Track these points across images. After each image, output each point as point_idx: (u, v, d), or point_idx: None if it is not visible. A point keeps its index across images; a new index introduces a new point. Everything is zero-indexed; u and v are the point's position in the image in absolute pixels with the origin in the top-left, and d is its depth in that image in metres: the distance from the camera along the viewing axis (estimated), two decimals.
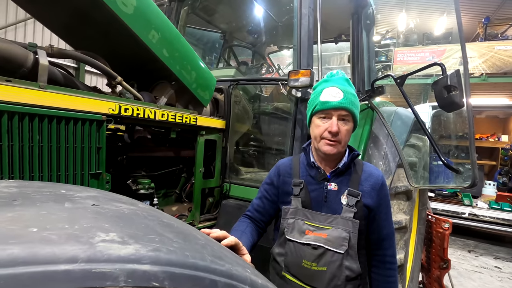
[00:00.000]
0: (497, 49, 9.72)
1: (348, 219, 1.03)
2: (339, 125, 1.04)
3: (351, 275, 1.02)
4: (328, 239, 1.02)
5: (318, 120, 1.08)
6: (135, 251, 0.36)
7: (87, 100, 1.13)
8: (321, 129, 1.06)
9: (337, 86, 1.07)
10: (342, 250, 1.01)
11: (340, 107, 1.04)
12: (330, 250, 1.02)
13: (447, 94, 1.54)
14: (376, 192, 1.08)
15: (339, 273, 1.01)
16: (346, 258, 1.01)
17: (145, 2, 1.31)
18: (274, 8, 2.53)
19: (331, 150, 1.04)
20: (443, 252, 3.17)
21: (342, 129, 1.05)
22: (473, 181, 1.43)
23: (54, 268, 0.29)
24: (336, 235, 1.02)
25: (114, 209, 0.50)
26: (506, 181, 6.36)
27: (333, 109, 1.05)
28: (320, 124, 1.07)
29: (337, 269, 1.01)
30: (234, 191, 1.90)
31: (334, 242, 1.02)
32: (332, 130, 1.03)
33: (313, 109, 1.10)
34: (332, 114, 1.05)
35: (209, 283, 0.41)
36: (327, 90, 1.07)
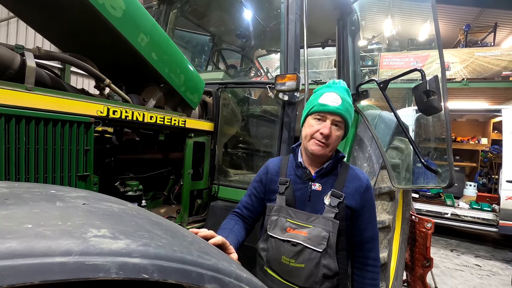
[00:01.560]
0: (477, 55, 10.13)
1: (328, 219, 1.06)
2: (332, 129, 1.09)
3: (329, 273, 1.05)
4: (308, 237, 1.06)
5: (313, 120, 1.13)
6: (126, 246, 0.38)
7: (75, 102, 1.14)
8: (314, 129, 1.11)
9: (337, 93, 1.12)
10: (320, 248, 1.05)
11: (336, 112, 1.09)
12: (308, 248, 1.06)
13: (426, 99, 1.61)
14: (360, 195, 1.12)
15: (317, 271, 1.05)
16: (324, 257, 1.05)
17: (134, 5, 1.32)
18: (262, 13, 2.58)
19: (319, 150, 1.09)
20: (426, 251, 3.28)
21: (333, 134, 1.10)
22: (450, 181, 1.51)
23: (50, 260, 0.31)
24: (316, 234, 1.06)
25: (104, 208, 0.52)
26: (486, 182, 6.61)
27: (329, 112, 1.10)
28: (314, 125, 1.12)
29: (315, 266, 1.05)
30: (223, 193, 1.92)
31: (313, 240, 1.06)
32: (324, 132, 1.07)
33: (310, 110, 1.14)
34: (327, 118, 1.10)
35: (196, 275, 0.43)
36: (327, 94, 1.12)
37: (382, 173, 2.09)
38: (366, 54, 13.00)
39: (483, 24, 11.51)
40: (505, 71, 9.69)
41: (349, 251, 1.16)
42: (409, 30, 12.95)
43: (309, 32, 2.98)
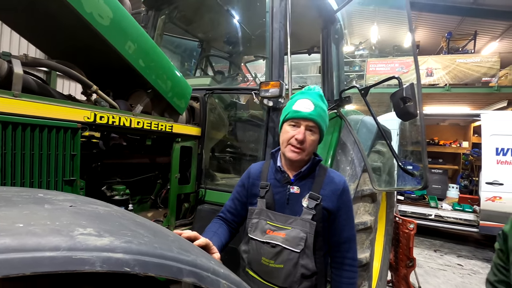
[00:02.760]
0: (458, 62, 10.51)
1: (306, 220, 1.11)
2: (306, 135, 1.14)
3: (307, 273, 1.10)
4: (286, 239, 1.11)
5: (288, 127, 1.18)
6: (110, 242, 0.42)
7: (62, 108, 1.16)
8: (289, 135, 1.16)
9: (310, 99, 1.17)
10: (298, 249, 1.09)
11: (309, 118, 1.14)
12: (287, 248, 1.10)
13: (403, 105, 1.70)
14: (336, 197, 1.16)
15: (295, 271, 1.10)
16: (302, 257, 1.10)
17: (121, 14, 1.36)
18: (249, 21, 2.65)
19: (295, 156, 1.14)
20: (409, 252, 3.38)
21: (308, 139, 1.14)
22: (425, 183, 1.59)
23: (40, 254, 0.35)
24: (294, 235, 1.10)
25: (90, 210, 0.56)
26: (468, 184, 6.85)
27: (302, 119, 1.14)
28: (289, 131, 1.17)
29: (293, 267, 1.10)
30: (210, 196, 1.95)
31: (291, 242, 1.10)
32: (298, 137, 1.12)
33: (285, 116, 1.20)
34: (301, 124, 1.15)
35: (175, 270, 0.47)
36: (301, 101, 1.17)
37: (364, 176, 2.17)
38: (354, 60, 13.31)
39: (464, 32, 11.98)
40: (485, 77, 10.10)
41: (327, 252, 1.22)
42: (394, 37, 13.34)
43: (296, 39, 3.08)
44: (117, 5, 1.34)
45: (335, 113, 2.33)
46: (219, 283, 0.54)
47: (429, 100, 12.09)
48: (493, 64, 10.04)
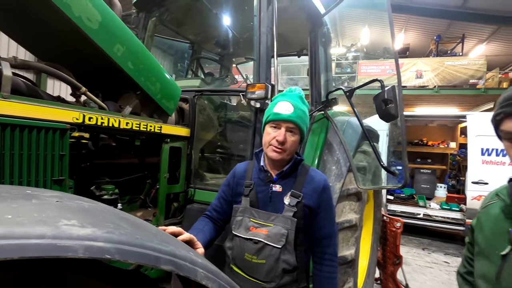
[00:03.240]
0: (447, 64, 10.75)
1: (287, 217, 1.16)
2: (287, 136, 1.19)
3: (288, 268, 1.15)
4: (268, 235, 1.16)
5: (270, 128, 1.23)
6: (92, 232, 0.47)
7: (51, 110, 1.19)
8: (271, 136, 1.21)
9: (290, 101, 1.22)
10: (279, 245, 1.14)
11: (289, 120, 1.19)
12: (269, 244, 1.15)
13: (384, 107, 1.77)
14: (317, 195, 1.22)
15: (277, 266, 1.14)
16: (283, 253, 1.14)
17: (110, 17, 1.39)
18: (238, 24, 2.70)
19: (276, 156, 1.19)
20: (396, 249, 3.46)
21: (289, 140, 1.20)
22: (405, 182, 1.66)
23: (27, 241, 0.39)
24: (276, 232, 1.15)
25: (75, 205, 0.60)
26: (455, 183, 7.01)
27: (282, 120, 1.19)
28: (271, 132, 1.22)
29: (275, 262, 1.14)
30: (199, 196, 1.99)
31: (273, 238, 1.15)
32: (279, 139, 1.17)
33: (267, 118, 1.25)
34: (281, 125, 1.20)
35: (153, 258, 0.52)
36: (281, 103, 1.22)
37: (350, 175, 2.23)
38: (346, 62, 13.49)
39: (452, 35, 12.26)
40: (472, 79, 10.36)
41: (309, 248, 1.27)
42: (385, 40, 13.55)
43: (285, 42, 3.15)
44: (106, 8, 1.37)
45: (322, 114, 2.39)
46: (196, 271, 0.59)
47: (418, 102, 12.32)
48: (480, 66, 10.30)
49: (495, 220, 0.94)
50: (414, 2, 10.76)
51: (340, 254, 2.03)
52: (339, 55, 14.09)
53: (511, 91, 0.80)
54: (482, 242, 0.98)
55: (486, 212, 1.00)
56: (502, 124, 0.80)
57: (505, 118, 0.79)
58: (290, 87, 1.31)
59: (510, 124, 0.78)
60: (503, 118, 0.80)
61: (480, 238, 0.99)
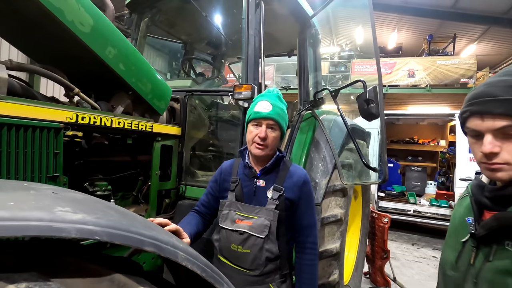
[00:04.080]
0: (438, 64, 10.92)
1: (270, 209, 1.26)
2: (268, 132, 1.28)
3: (271, 256, 1.24)
4: (252, 226, 1.25)
5: (252, 127, 1.32)
6: (83, 217, 0.54)
7: (45, 110, 1.25)
8: (253, 134, 1.29)
9: (268, 100, 1.31)
10: (263, 235, 1.23)
11: (268, 117, 1.28)
12: (253, 235, 1.24)
13: (366, 106, 1.86)
14: (298, 188, 1.31)
15: (260, 255, 1.23)
16: (267, 242, 1.24)
17: (102, 21, 1.46)
18: (227, 26, 2.77)
19: (260, 152, 1.28)
20: (384, 244, 3.58)
21: (270, 136, 1.28)
22: (384, 177, 1.76)
23: (28, 223, 0.47)
24: (259, 223, 1.24)
25: (69, 196, 0.67)
26: (444, 180, 7.17)
27: (263, 118, 1.28)
28: (253, 130, 1.30)
29: (259, 251, 1.23)
30: (190, 192, 2.06)
31: (256, 229, 1.24)
32: (260, 135, 1.26)
33: (248, 118, 1.34)
34: (262, 123, 1.29)
35: (137, 240, 0.59)
36: (260, 102, 1.31)
37: (336, 172, 2.32)
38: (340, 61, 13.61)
39: (444, 35, 12.44)
40: (463, 78, 10.55)
41: (291, 238, 1.36)
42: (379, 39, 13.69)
43: (276, 42, 3.22)
44: (97, 13, 1.44)
45: (310, 113, 2.48)
46: (177, 254, 0.66)
47: (411, 100, 12.50)
48: (471, 66, 10.50)
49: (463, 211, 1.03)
50: (407, 2, 10.90)
51: (326, 247, 2.12)
52: (333, 54, 14.21)
53: (477, 90, 0.84)
54: (450, 231, 1.06)
55: (459, 204, 1.09)
56: (468, 121, 0.85)
57: (471, 116, 0.83)
58: (268, 88, 1.40)
59: (474, 122, 0.82)
60: (468, 116, 0.84)
61: (450, 227, 1.07)
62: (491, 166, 0.78)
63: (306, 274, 1.32)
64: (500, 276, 0.76)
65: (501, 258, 0.77)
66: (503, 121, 0.74)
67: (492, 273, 0.79)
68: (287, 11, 2.52)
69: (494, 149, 0.76)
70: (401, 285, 3.70)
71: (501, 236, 0.78)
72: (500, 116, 0.75)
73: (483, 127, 0.79)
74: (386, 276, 3.68)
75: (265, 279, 1.26)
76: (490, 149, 0.76)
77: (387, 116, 6.76)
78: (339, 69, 13.47)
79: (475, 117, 0.81)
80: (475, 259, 0.86)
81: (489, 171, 0.81)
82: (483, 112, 0.79)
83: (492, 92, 0.77)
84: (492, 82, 0.80)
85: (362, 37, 13.24)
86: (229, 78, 4.89)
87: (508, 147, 0.75)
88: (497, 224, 0.79)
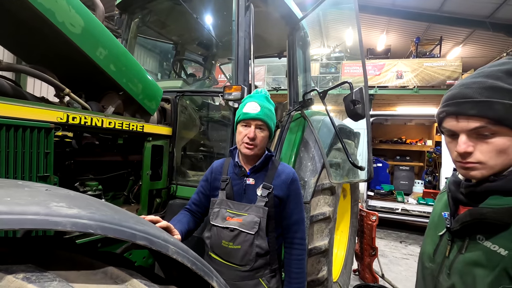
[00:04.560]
0: (425, 65, 11.18)
1: (260, 207, 1.30)
2: (256, 132, 1.32)
3: (261, 252, 1.29)
4: (243, 223, 1.29)
5: (241, 127, 1.36)
6: (78, 212, 0.57)
7: (35, 110, 1.26)
8: (242, 135, 1.33)
9: (256, 101, 1.35)
10: (253, 231, 1.28)
11: (257, 118, 1.32)
12: (243, 231, 1.28)
13: (353, 107, 1.92)
14: (286, 186, 1.36)
15: (251, 250, 1.28)
16: (257, 238, 1.28)
17: (93, 22, 1.47)
18: (218, 28, 2.80)
19: (249, 152, 1.32)
20: (372, 241, 3.66)
21: (259, 136, 1.33)
22: (369, 175, 1.82)
23: (25, 217, 0.49)
24: (249, 220, 1.29)
25: (63, 193, 0.70)
26: (431, 179, 7.36)
27: (251, 119, 1.32)
28: (242, 131, 1.34)
29: (249, 247, 1.28)
30: (181, 192, 2.09)
31: (247, 225, 1.28)
32: (249, 135, 1.30)
33: (237, 119, 1.37)
34: (251, 123, 1.33)
35: (129, 234, 0.62)
36: (249, 104, 1.35)
37: (325, 171, 2.38)
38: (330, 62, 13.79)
39: (430, 37, 12.74)
40: (449, 80, 10.83)
41: (280, 235, 1.40)
42: (367, 41, 13.95)
43: (266, 44, 3.27)
44: (88, 14, 1.45)
45: (300, 114, 2.53)
46: (168, 247, 0.69)
47: (399, 101, 12.76)
48: (456, 68, 10.79)
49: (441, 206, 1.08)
50: (395, 5, 11.14)
51: (314, 245, 2.18)
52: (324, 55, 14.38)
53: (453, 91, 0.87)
54: (430, 225, 1.12)
55: (439, 199, 1.14)
56: (444, 121, 0.89)
57: (446, 116, 0.87)
58: (256, 89, 1.45)
59: (450, 123, 0.85)
60: (444, 116, 0.87)
61: (430, 221, 1.13)
62: (465, 165, 0.82)
63: (294, 269, 1.37)
64: (469, 267, 0.81)
65: (472, 251, 0.82)
66: (476, 122, 0.78)
67: (462, 264, 0.83)
68: (277, 14, 2.57)
69: (468, 149, 0.80)
70: (389, 282, 3.79)
71: (474, 230, 0.82)
72: (474, 117, 0.78)
73: (458, 127, 0.82)
74: (375, 272, 3.77)
75: (255, 274, 1.30)
76: (464, 149, 0.80)
77: (376, 116, 6.90)
78: (329, 70, 13.64)
79: (451, 117, 0.85)
80: (449, 252, 0.90)
81: (464, 170, 0.85)
82: (458, 113, 0.82)
83: (466, 94, 0.80)
84: (467, 83, 0.83)
85: (351, 39, 13.44)
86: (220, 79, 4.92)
87: (481, 147, 0.79)
88: (470, 219, 0.83)
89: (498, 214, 0.76)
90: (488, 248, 0.77)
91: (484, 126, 0.77)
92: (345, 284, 3.14)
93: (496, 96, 0.76)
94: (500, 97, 0.75)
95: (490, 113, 0.76)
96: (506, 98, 0.75)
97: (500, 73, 0.79)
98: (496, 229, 0.77)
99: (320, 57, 14.09)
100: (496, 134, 0.77)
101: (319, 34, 14.57)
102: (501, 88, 0.76)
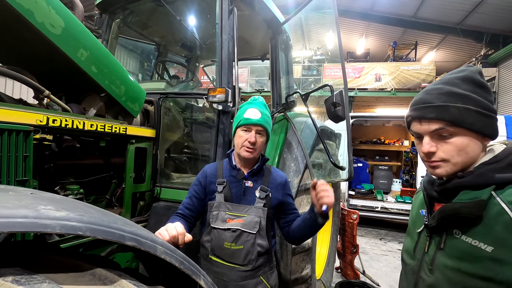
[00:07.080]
0: (402, 69, 11.65)
1: (259, 207, 1.37)
2: (256, 137, 1.40)
3: (262, 251, 1.35)
4: (244, 223, 1.34)
5: (242, 132, 1.42)
6: (66, 214, 0.57)
7: (14, 112, 1.22)
8: (243, 139, 1.40)
9: (257, 108, 1.44)
10: (254, 231, 1.33)
11: (258, 123, 1.40)
12: (245, 231, 1.33)
13: (333, 109, 1.99)
14: (281, 188, 1.46)
15: (253, 249, 1.33)
16: (258, 237, 1.34)
17: (73, 23, 1.44)
18: (201, 30, 2.81)
19: (249, 155, 1.39)
20: (353, 239, 3.78)
21: (258, 141, 1.41)
22: (350, 175, 1.90)
23: (14, 220, 0.49)
24: (250, 220, 1.34)
25: (48, 196, 0.69)
26: (409, 178, 7.67)
27: (253, 124, 1.40)
28: (243, 135, 1.41)
29: (251, 246, 1.33)
30: (165, 194, 2.07)
31: (248, 225, 1.34)
32: (251, 140, 1.37)
33: (238, 123, 1.44)
34: (252, 128, 1.40)
35: (118, 235, 0.63)
36: (250, 110, 1.43)
37: (307, 172, 2.44)
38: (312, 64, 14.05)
39: (407, 42, 13.29)
40: (424, 82, 11.32)
41: (274, 235, 1.49)
42: (348, 44, 14.34)
43: (250, 46, 3.31)
44: (68, 14, 1.43)
45: (283, 115, 2.59)
46: (156, 248, 0.71)
47: (378, 103, 13.21)
48: (430, 71, 11.32)
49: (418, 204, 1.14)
50: (374, 10, 11.54)
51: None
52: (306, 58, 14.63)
53: (417, 97, 0.95)
54: (409, 222, 1.18)
55: (416, 198, 1.20)
56: (411, 125, 0.96)
57: (412, 120, 0.94)
58: (253, 96, 1.51)
59: (415, 126, 0.93)
60: (410, 120, 0.95)
61: (409, 219, 1.19)
62: (431, 164, 0.90)
63: None
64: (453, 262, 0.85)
65: (451, 245, 0.87)
66: (436, 125, 0.86)
67: (445, 259, 0.87)
68: (260, 18, 2.61)
69: (431, 149, 0.87)
70: (369, 278, 3.92)
71: (450, 225, 0.88)
72: (434, 120, 0.86)
73: (421, 130, 0.90)
74: (356, 269, 3.89)
75: (256, 272, 1.37)
76: (427, 149, 0.88)
77: (356, 118, 7.11)
78: (311, 73, 13.89)
79: (415, 121, 0.92)
80: (428, 247, 0.95)
81: (430, 168, 0.92)
82: (420, 117, 0.90)
83: (427, 99, 0.88)
84: (428, 90, 0.91)
85: (332, 42, 13.77)
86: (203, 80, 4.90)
87: (442, 147, 0.87)
88: (444, 214, 0.88)
89: (469, 208, 0.82)
90: (469, 244, 0.81)
91: (443, 128, 0.85)
92: (328, 281, 3.22)
93: (452, 101, 0.84)
94: (455, 101, 0.84)
95: (446, 116, 0.84)
96: (459, 102, 0.83)
97: (457, 79, 0.87)
98: (469, 223, 0.82)
99: (302, 59, 14.32)
100: (455, 135, 0.85)
101: (301, 37, 14.82)
102: (456, 93, 0.84)
